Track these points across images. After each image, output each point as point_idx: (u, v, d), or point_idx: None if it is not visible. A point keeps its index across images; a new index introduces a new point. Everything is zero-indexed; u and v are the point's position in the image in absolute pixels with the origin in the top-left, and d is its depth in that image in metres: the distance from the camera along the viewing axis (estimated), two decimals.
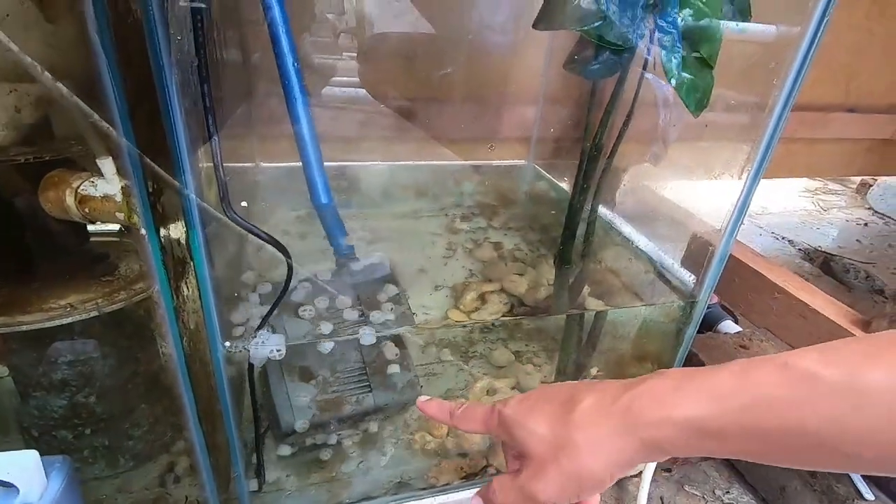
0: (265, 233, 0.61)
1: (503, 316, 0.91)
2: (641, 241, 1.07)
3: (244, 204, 0.63)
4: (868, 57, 1.82)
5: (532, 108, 1.38)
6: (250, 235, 0.62)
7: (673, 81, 0.60)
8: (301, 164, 1.00)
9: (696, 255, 0.89)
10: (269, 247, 0.64)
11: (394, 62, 1.25)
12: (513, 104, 1.38)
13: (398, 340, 0.92)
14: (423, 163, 1.35)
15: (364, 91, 1.25)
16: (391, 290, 0.85)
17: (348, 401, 0.80)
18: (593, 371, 1.05)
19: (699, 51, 0.59)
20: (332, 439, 0.90)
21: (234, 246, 0.77)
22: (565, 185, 1.33)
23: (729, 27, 0.66)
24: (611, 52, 0.63)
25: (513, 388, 1.08)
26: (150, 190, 0.49)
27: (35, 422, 0.79)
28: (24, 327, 0.63)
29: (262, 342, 0.63)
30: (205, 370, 0.60)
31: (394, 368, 0.87)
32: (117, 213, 0.59)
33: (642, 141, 0.95)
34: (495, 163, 1.40)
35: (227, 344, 0.60)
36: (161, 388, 0.83)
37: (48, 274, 0.70)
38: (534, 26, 0.63)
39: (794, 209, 2.42)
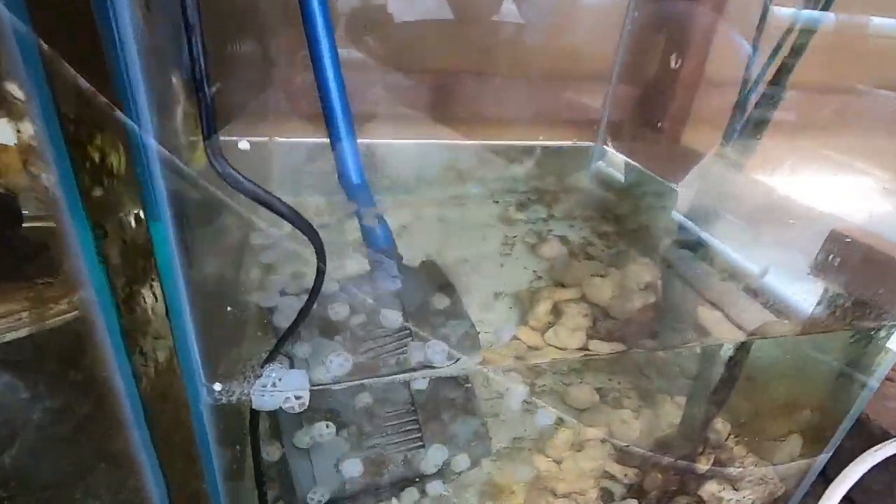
0: (281, 202, 0.40)
1: (587, 346, 0.69)
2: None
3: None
4: None
5: (602, 85, 1.16)
6: (259, 211, 0.41)
7: None
8: (328, 137, 0.81)
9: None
10: (284, 230, 0.43)
11: (436, 27, 1.03)
12: (579, 80, 1.16)
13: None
14: (468, 142, 1.13)
15: (400, 58, 1.05)
16: (444, 301, 0.64)
17: (392, 460, 0.58)
18: (718, 426, 0.79)
19: None
20: None
21: (230, 229, 0.56)
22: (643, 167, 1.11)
23: None
24: None
25: (603, 442, 0.84)
26: (71, 125, 0.28)
27: None
28: None
29: (273, 384, 0.42)
30: (179, 420, 0.39)
31: (454, 412, 0.65)
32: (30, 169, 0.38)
33: None
34: (556, 143, 1.17)
35: (217, 387, 0.39)
36: None
37: None
38: None
39: None
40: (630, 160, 1.15)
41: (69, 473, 0.47)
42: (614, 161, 1.18)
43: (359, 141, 0.83)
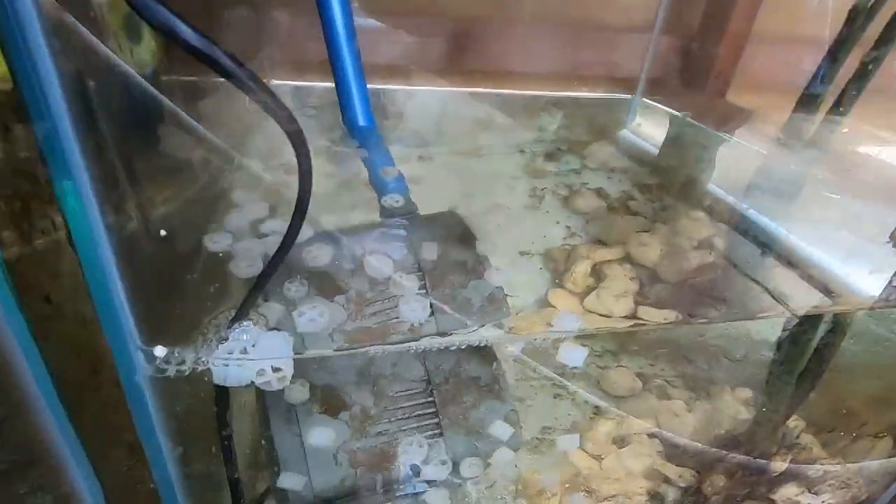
0: (244, 70, 0.28)
1: (637, 314, 0.57)
2: None
3: None
4: None
5: (643, 37, 1.02)
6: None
7: None
8: (332, 76, 0.70)
9: None
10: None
11: None
12: (616, 30, 1.03)
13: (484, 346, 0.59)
14: (491, 91, 1.01)
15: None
16: (468, 256, 0.53)
17: (405, 450, 0.46)
18: (794, 427, 0.64)
19: None
20: None
21: (179, 143, 0.44)
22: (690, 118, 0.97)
23: None
24: None
25: (652, 437, 0.69)
26: None
27: None
28: None
29: (243, 350, 0.31)
30: (109, 397, 0.29)
31: (479, 393, 0.53)
32: None
33: None
34: (590, 95, 1.04)
35: (159, 352, 0.29)
36: None
37: None
38: None
39: None
40: (674, 111, 1.02)
41: None
42: (655, 113, 1.05)
43: (369, 86, 0.72)
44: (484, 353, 0.55)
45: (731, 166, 0.87)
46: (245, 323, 0.33)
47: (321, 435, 0.44)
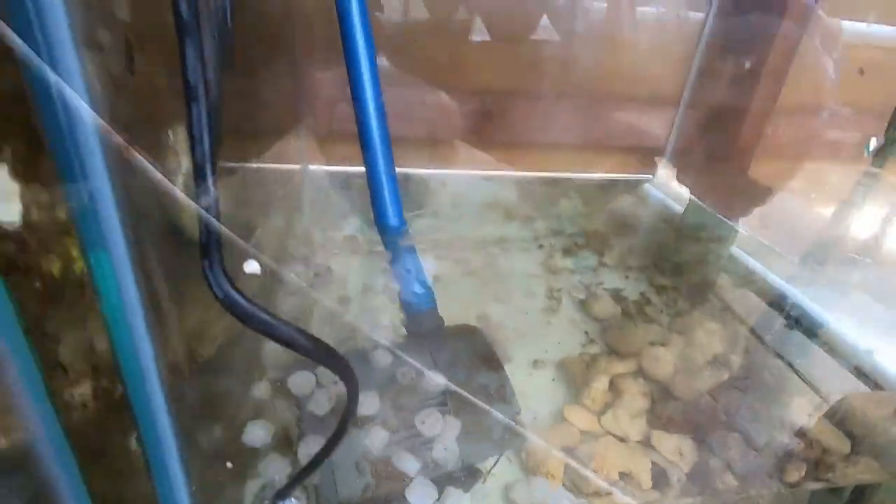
0: (304, 334, 0.32)
1: (650, 440, 0.59)
2: None
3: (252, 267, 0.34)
4: None
5: (667, 111, 1.05)
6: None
7: None
8: (365, 170, 0.73)
9: None
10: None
11: (480, 43, 0.95)
12: (641, 104, 1.06)
13: None
14: (510, 173, 1.05)
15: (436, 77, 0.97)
16: (491, 379, 0.56)
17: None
18: None
19: None
20: None
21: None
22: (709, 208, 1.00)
23: None
24: None
25: None
26: None
27: None
28: None
29: None
30: None
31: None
32: None
33: None
34: (610, 176, 1.08)
35: None
36: None
37: None
38: None
39: None
40: (693, 196, 1.05)
41: None
42: (674, 196, 1.07)
43: (397, 170, 0.75)
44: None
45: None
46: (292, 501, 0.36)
47: None
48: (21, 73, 0.23)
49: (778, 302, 0.81)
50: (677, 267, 0.89)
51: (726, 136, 1.04)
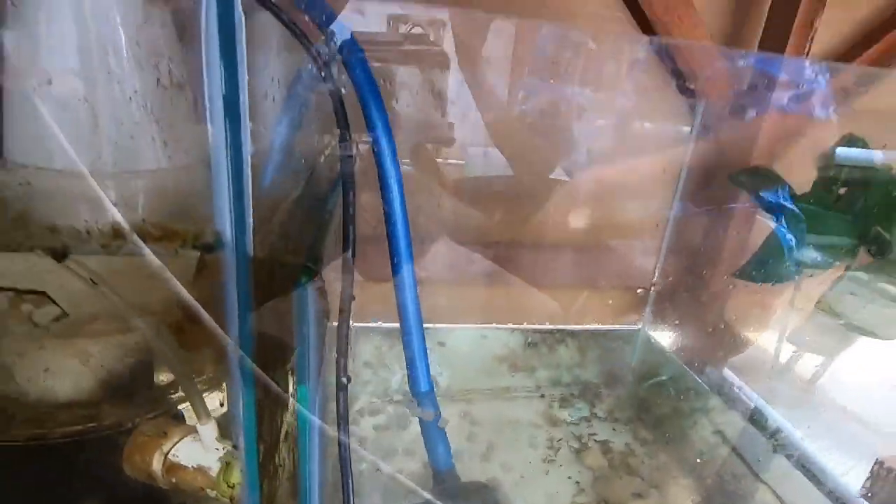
0: None
1: None
2: None
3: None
4: None
5: (650, 259, 1.26)
6: None
7: None
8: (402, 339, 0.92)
9: None
10: None
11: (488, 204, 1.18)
12: (625, 253, 1.27)
13: None
14: (516, 326, 1.24)
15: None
16: None
17: None
18: None
19: None
20: None
21: None
22: (682, 360, 1.17)
23: None
24: None
25: None
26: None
27: None
28: None
29: None
30: None
31: None
32: (209, 490, 0.50)
33: None
34: (603, 328, 1.27)
35: None
36: None
37: None
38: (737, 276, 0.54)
39: None
40: (671, 352, 1.22)
41: None
42: (658, 349, 1.25)
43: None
44: None
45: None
46: None
47: None
48: None
49: (752, 447, 0.95)
50: (659, 420, 1.05)
51: (703, 282, 1.23)
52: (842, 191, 0.92)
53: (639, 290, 1.28)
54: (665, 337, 1.26)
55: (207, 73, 0.36)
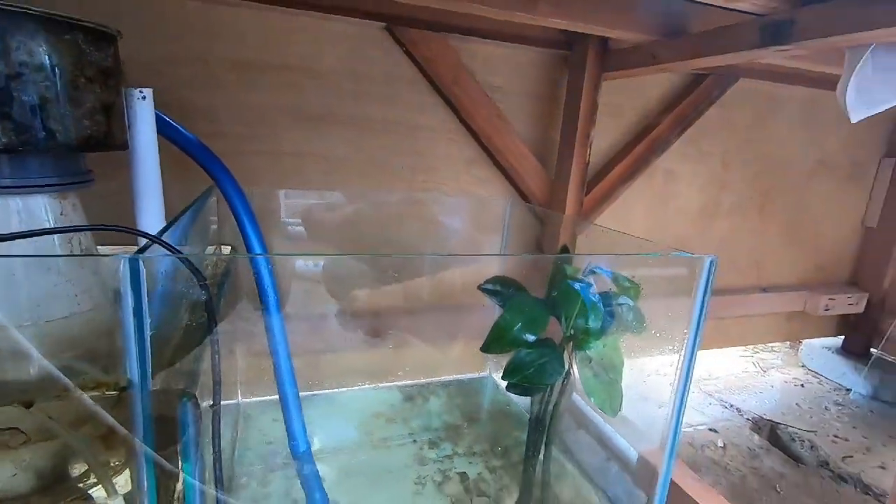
0: None
1: None
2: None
3: None
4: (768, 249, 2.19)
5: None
6: None
7: (593, 399, 0.75)
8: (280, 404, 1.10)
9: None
10: None
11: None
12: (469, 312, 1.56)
13: None
14: (395, 383, 1.47)
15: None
16: None
17: None
18: None
19: (610, 375, 0.76)
20: None
21: None
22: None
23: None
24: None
25: None
26: None
27: None
28: None
29: None
30: None
31: None
32: None
33: None
34: (461, 377, 1.53)
35: None
36: None
37: None
38: (482, 350, 0.80)
39: (737, 371, 2.61)
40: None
41: None
42: (502, 391, 1.53)
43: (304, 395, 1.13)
44: None
45: None
46: None
47: None
48: None
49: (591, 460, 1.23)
50: (506, 450, 1.31)
51: None
52: None
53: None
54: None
55: None
